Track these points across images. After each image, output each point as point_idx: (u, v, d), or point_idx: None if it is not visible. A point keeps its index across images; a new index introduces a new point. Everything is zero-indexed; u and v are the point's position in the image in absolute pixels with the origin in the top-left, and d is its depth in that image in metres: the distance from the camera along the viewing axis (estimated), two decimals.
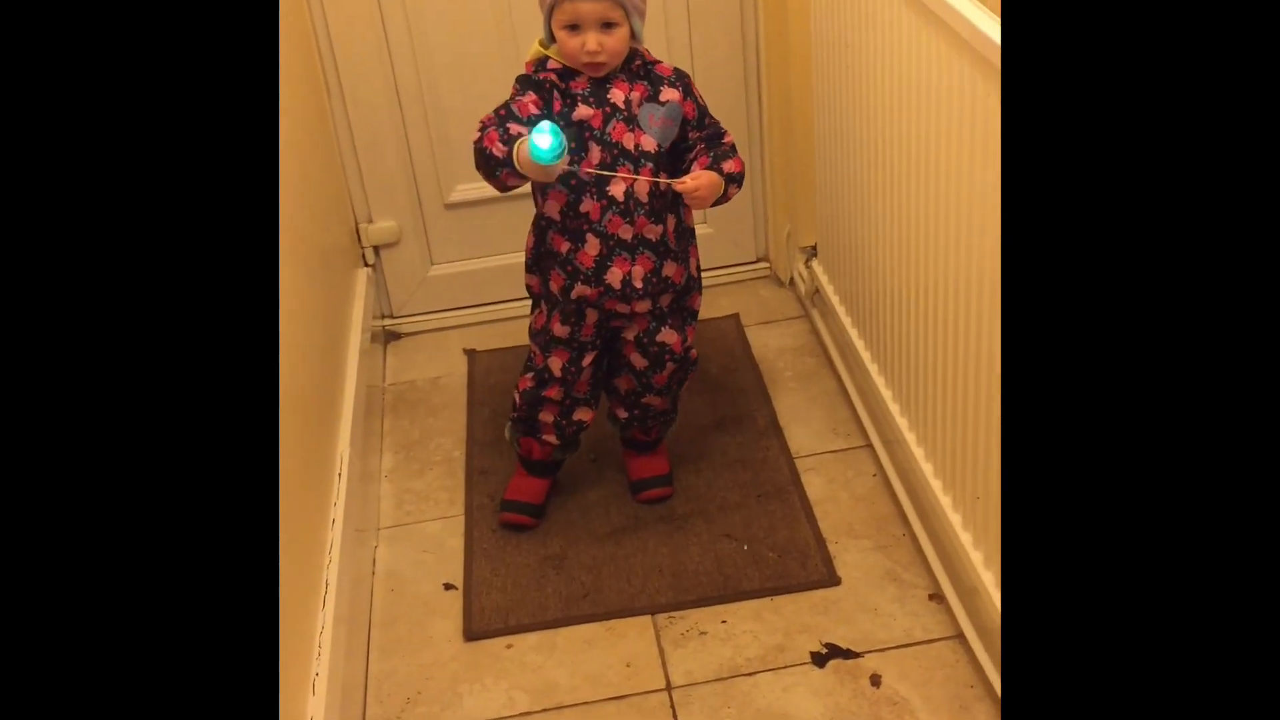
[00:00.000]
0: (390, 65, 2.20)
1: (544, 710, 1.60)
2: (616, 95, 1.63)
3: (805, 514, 1.86)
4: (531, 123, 1.54)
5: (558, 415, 1.83)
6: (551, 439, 1.85)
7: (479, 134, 1.61)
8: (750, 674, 1.61)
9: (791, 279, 2.39)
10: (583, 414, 1.84)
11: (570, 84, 1.63)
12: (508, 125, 1.60)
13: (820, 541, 1.80)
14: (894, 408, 1.80)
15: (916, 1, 1.41)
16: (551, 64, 1.64)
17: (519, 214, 1.90)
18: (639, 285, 1.70)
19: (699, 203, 1.65)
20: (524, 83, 1.65)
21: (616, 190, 1.64)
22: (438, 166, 2.30)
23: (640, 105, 1.63)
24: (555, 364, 1.78)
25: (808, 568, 1.76)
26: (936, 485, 1.63)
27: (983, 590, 1.49)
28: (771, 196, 2.36)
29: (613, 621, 1.71)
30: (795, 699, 1.57)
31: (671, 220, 1.70)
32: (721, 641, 1.66)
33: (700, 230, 2.41)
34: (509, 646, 1.69)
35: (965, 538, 1.54)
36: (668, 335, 1.77)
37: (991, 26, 1.22)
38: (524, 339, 1.88)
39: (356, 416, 1.92)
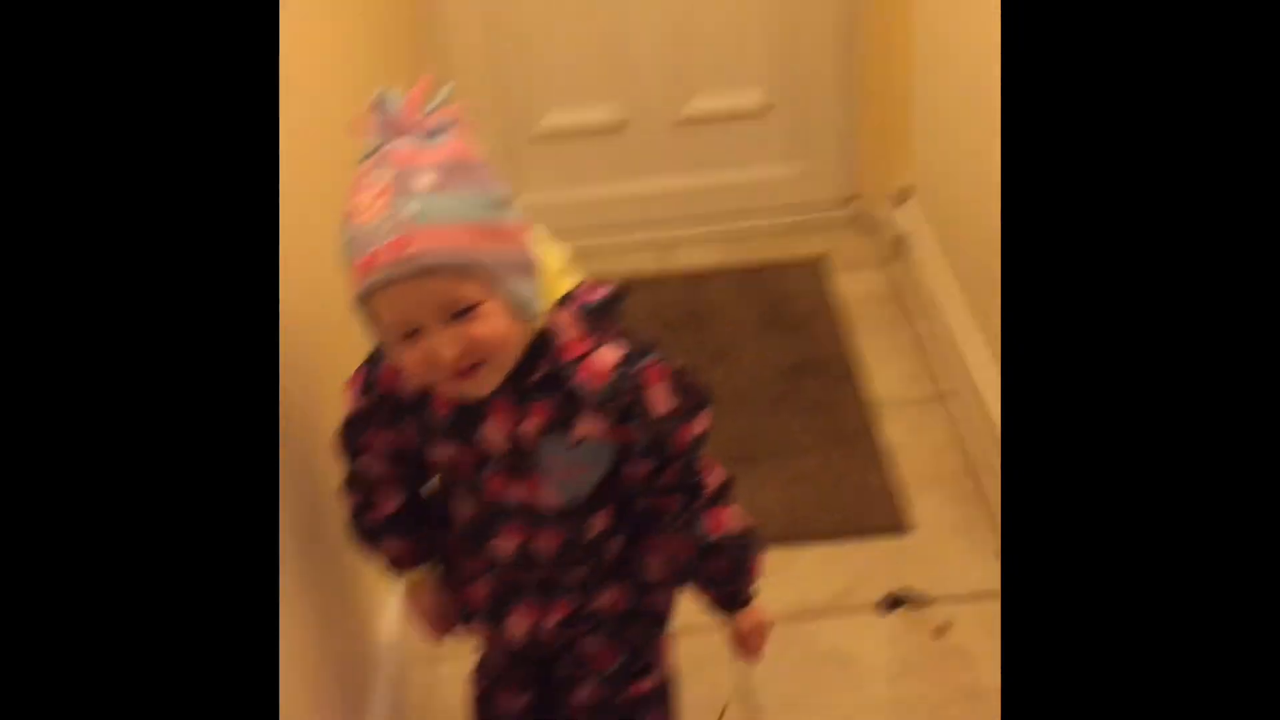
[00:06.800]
0: None
1: None
2: (494, 429, 1.00)
3: (880, 461, 1.85)
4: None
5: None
6: None
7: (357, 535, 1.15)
8: (816, 617, 1.62)
9: (880, 222, 2.35)
10: None
11: (427, 399, 1.03)
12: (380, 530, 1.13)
13: (893, 489, 1.80)
14: (985, 354, 1.76)
15: None
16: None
17: None
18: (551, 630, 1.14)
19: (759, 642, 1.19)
20: (357, 411, 1.07)
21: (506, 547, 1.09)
22: None
23: (540, 437, 1.01)
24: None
25: (879, 514, 1.76)
26: None
27: None
28: (863, 136, 2.32)
29: None
30: (860, 644, 1.57)
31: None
32: (789, 584, 1.67)
33: (785, 171, 2.39)
34: None
35: None
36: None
37: None
38: None
39: None
